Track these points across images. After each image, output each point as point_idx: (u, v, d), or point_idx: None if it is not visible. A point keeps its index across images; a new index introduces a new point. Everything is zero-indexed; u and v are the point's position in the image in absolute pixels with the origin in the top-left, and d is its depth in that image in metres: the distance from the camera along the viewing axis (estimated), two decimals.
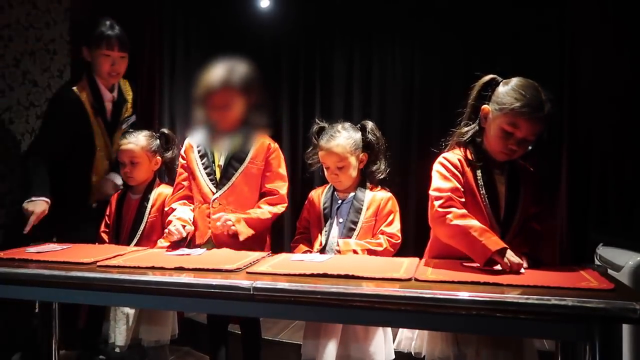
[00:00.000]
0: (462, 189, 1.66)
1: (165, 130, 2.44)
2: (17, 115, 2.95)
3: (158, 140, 2.40)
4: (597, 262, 2.55)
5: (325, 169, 2.06)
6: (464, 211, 1.61)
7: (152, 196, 2.32)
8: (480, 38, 3.49)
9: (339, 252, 1.92)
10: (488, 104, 1.69)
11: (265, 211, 2.05)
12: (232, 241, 1.98)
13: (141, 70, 3.38)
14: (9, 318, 2.62)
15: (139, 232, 2.28)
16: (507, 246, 1.51)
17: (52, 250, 1.89)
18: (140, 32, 3.37)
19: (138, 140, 2.34)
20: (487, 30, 3.47)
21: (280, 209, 2.09)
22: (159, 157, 2.38)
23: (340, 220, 1.99)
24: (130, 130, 2.49)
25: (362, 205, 1.99)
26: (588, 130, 3.08)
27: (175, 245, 1.96)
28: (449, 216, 1.59)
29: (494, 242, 1.51)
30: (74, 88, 2.49)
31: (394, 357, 1.93)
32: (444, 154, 1.75)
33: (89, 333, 2.35)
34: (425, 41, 3.62)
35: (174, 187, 2.20)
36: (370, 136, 2.04)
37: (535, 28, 3.35)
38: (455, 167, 1.69)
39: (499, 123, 1.64)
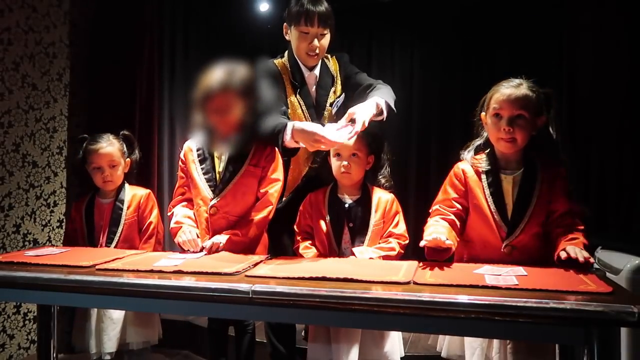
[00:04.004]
0: (459, 197, 1.84)
1: (126, 132, 2.40)
2: (17, 119, 2.95)
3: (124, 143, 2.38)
4: (595, 265, 2.55)
5: (334, 163, 2.01)
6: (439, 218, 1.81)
7: (127, 198, 2.31)
8: (480, 38, 3.50)
9: None
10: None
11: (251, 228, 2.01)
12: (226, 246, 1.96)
13: (141, 72, 3.39)
14: None
15: (117, 235, 2.27)
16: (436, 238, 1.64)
17: (50, 253, 1.88)
18: (140, 34, 3.38)
19: (112, 143, 2.31)
20: (487, 30, 3.49)
21: (266, 213, 2.04)
22: (128, 159, 2.36)
23: (351, 224, 1.97)
24: (100, 135, 2.34)
25: (371, 209, 1.98)
26: (587, 133, 3.08)
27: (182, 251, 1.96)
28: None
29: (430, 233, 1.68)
30: (275, 61, 2.27)
31: (403, 354, 1.95)
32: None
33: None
34: (425, 41, 3.63)
35: (174, 192, 2.17)
36: (375, 139, 2.03)
37: (535, 28, 3.37)
38: (457, 176, 1.87)
39: (489, 116, 1.80)
